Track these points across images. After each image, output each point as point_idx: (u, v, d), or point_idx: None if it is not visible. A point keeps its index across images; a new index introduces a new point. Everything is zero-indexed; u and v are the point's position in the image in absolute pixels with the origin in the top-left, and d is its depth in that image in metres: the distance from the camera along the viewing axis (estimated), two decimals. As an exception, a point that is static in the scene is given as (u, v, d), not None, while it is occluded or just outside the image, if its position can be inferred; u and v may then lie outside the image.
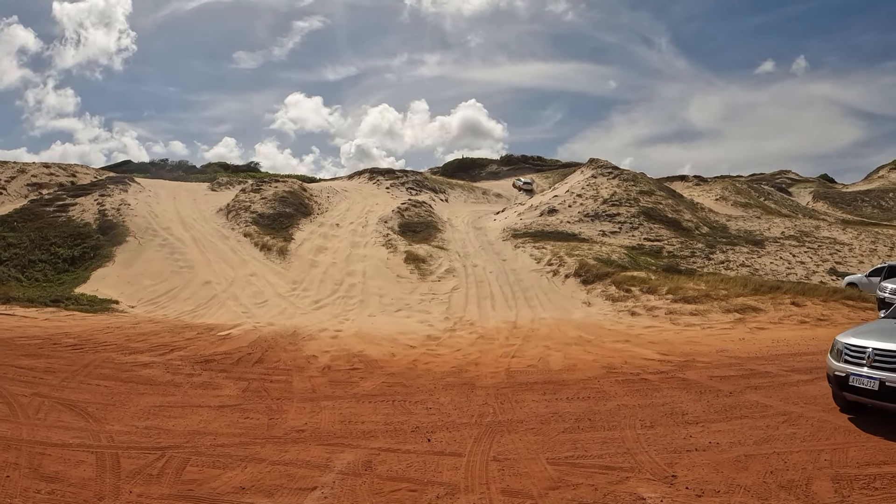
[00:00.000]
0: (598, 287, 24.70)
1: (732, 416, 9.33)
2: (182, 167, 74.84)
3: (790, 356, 14.20)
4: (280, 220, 38.40)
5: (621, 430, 8.64)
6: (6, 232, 32.17)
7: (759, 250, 36.69)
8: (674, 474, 6.92)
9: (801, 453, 7.51)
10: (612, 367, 13.37)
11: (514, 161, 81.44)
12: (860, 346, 8.71)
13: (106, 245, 31.02)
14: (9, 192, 41.97)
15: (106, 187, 41.19)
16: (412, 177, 57.67)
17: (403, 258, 30.26)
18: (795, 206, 64.34)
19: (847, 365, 8.79)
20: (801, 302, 21.03)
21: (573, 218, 40.34)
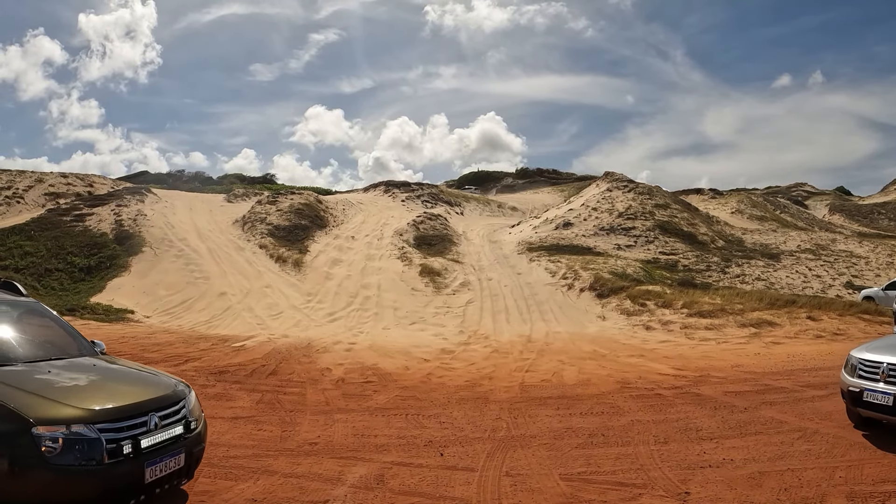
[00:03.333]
0: (613, 301, 24.65)
1: (747, 432, 9.29)
2: (198, 178, 75.28)
3: (805, 371, 14.13)
4: (295, 232, 38.52)
5: (635, 446, 8.61)
6: (23, 240, 32.45)
7: (774, 264, 36.54)
8: (687, 491, 6.89)
9: (815, 470, 7.47)
10: (627, 382, 13.33)
11: (530, 174, 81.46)
12: (875, 362, 8.66)
13: (122, 255, 31.22)
14: (26, 201, 42.35)
15: (123, 197, 41.46)
16: (428, 190, 57.79)
17: (418, 271, 30.30)
18: (811, 218, 64.08)
19: (861, 380, 8.74)
20: (817, 316, 20.93)
21: (588, 231, 40.31)
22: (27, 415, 5.12)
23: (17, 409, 5.13)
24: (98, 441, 5.26)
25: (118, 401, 5.75)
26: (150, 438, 5.67)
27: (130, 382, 6.49)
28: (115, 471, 5.34)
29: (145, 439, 5.62)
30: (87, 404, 5.52)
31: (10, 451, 4.99)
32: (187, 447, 6.09)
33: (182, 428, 6.08)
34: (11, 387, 5.44)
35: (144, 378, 6.73)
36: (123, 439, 5.46)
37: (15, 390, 5.40)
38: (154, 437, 5.72)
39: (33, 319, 7.19)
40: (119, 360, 7.41)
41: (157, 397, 6.05)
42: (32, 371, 6.04)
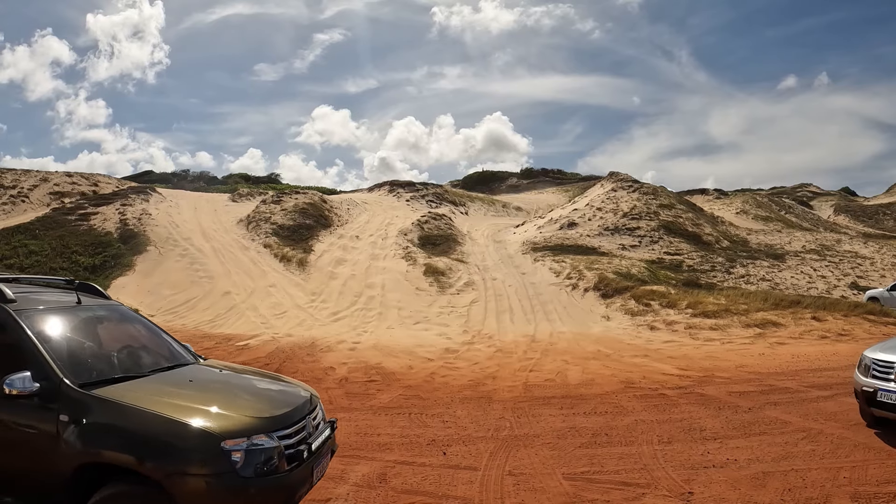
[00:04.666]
0: (617, 301, 24.61)
1: (751, 432, 9.27)
2: (203, 178, 75.38)
3: (810, 372, 14.11)
4: (300, 231, 38.53)
5: (638, 446, 8.60)
6: (28, 240, 32.53)
7: (779, 264, 36.47)
8: (690, 491, 6.88)
9: (820, 470, 7.46)
10: (631, 382, 13.31)
11: (535, 174, 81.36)
12: (888, 362, 8.69)
13: (126, 254, 31.26)
14: (31, 201, 42.48)
15: (127, 197, 41.54)
16: (432, 189, 57.77)
17: (423, 271, 30.28)
18: (816, 219, 64.00)
19: (875, 380, 8.77)
20: (822, 317, 20.88)
21: (593, 231, 40.27)
22: (213, 430, 5.03)
23: (201, 426, 5.03)
24: (278, 449, 5.26)
25: (280, 407, 5.74)
26: (315, 442, 5.74)
27: (273, 388, 6.46)
28: (294, 477, 5.37)
29: (314, 443, 5.70)
30: (257, 413, 5.50)
31: (204, 468, 4.89)
32: (332, 448, 6.21)
33: (329, 429, 6.17)
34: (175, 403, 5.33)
35: (279, 382, 6.71)
36: (297, 444, 5.50)
37: (180, 406, 5.29)
38: (317, 439, 5.79)
39: (131, 324, 7.03)
40: (227, 364, 7.39)
41: (306, 400, 6.10)
42: (174, 382, 5.99)
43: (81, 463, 4.97)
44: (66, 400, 5.16)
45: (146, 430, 4.96)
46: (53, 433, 5.07)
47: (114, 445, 4.95)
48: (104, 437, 4.99)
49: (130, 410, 5.09)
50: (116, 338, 6.53)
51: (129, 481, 4.95)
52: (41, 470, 5.12)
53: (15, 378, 5.08)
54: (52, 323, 5.93)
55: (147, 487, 4.87)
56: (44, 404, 5.15)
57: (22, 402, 5.14)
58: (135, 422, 5.02)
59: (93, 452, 4.96)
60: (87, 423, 5.04)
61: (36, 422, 5.16)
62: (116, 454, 4.94)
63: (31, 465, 5.17)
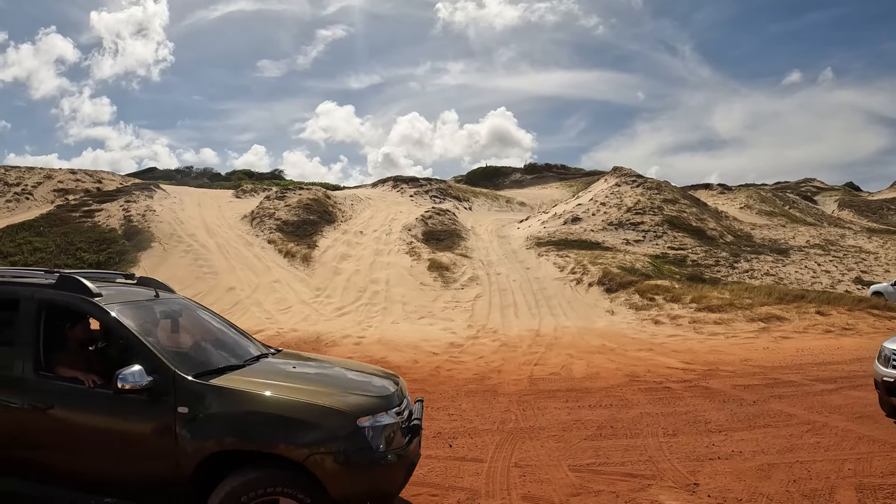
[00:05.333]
0: (621, 296, 24.63)
1: (756, 424, 9.31)
2: (207, 174, 75.55)
3: (815, 365, 14.14)
4: (304, 227, 38.55)
5: (643, 438, 8.64)
6: (32, 237, 32.56)
7: (783, 259, 36.43)
8: (696, 482, 6.91)
9: (824, 462, 7.48)
10: (635, 376, 13.35)
11: (538, 170, 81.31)
12: None
13: (131, 251, 31.30)
14: (35, 198, 42.49)
15: (131, 193, 41.54)
16: (436, 185, 57.69)
17: (427, 266, 30.30)
18: (820, 214, 63.88)
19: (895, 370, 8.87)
20: (826, 311, 20.91)
21: (597, 226, 40.24)
22: (348, 410, 5.21)
23: (337, 406, 5.21)
24: (397, 424, 5.46)
25: (389, 387, 5.95)
26: (416, 420, 5.89)
27: (367, 370, 6.68)
28: (411, 450, 5.61)
29: (416, 421, 5.86)
30: (375, 392, 5.72)
31: (344, 446, 5.05)
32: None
33: (420, 407, 6.32)
34: (298, 388, 5.50)
35: (365, 366, 6.97)
36: (407, 421, 5.71)
37: (305, 390, 5.46)
38: (417, 416, 5.97)
39: (204, 317, 6.98)
40: (304, 354, 7.55)
41: (400, 381, 6.33)
42: (278, 371, 6.10)
43: (210, 453, 5.04)
44: (184, 392, 5.19)
45: (283, 415, 5.09)
46: (170, 427, 5.09)
47: (248, 432, 5.05)
48: (235, 425, 5.08)
49: (259, 398, 5.23)
50: (198, 330, 6.55)
51: (262, 466, 5.04)
52: (156, 466, 5.14)
53: (127, 373, 5.06)
54: (143, 316, 5.94)
55: (284, 469, 5.01)
56: (157, 398, 5.16)
57: (132, 397, 5.14)
58: (268, 408, 5.14)
59: (225, 441, 5.04)
60: (212, 413, 5.11)
61: (150, 417, 5.17)
62: (252, 441, 5.04)
63: (144, 463, 5.18)
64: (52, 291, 5.79)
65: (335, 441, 5.03)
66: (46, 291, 5.79)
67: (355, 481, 5.07)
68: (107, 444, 5.23)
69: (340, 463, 5.00)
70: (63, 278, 5.87)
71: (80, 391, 5.36)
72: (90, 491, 5.28)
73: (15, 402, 5.39)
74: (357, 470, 5.06)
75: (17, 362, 5.50)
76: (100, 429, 5.28)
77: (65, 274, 5.98)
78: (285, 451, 4.97)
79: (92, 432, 5.30)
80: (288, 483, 4.97)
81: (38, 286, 5.83)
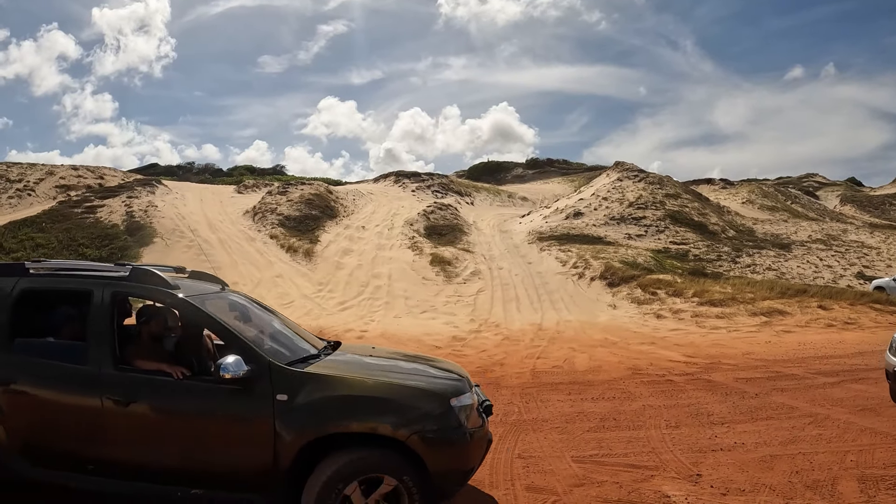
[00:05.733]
0: (623, 290, 24.64)
1: (758, 417, 9.34)
2: (208, 170, 75.44)
3: (817, 359, 14.16)
4: (306, 222, 38.56)
5: (646, 430, 8.67)
6: (34, 233, 32.59)
7: (785, 254, 36.44)
8: (699, 473, 6.94)
9: (826, 454, 7.51)
10: (638, 369, 13.38)
11: (540, 164, 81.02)
12: None
13: (133, 246, 31.28)
14: (37, 194, 42.56)
15: (133, 189, 41.54)
16: (438, 180, 57.65)
17: (429, 260, 30.31)
18: (822, 209, 63.76)
19: None
20: (828, 305, 20.92)
21: (599, 221, 40.23)
22: (443, 391, 5.54)
23: (431, 388, 5.54)
24: (475, 405, 5.76)
25: (461, 372, 6.37)
26: (487, 401, 6.22)
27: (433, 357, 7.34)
28: (487, 428, 5.96)
29: (487, 402, 6.20)
30: (456, 376, 6.09)
31: (442, 425, 5.30)
32: None
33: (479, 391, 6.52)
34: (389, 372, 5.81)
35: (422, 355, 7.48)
36: (482, 402, 6.05)
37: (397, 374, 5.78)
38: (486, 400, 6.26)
39: (263, 309, 7.01)
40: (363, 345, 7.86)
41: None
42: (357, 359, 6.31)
43: (312, 439, 5.18)
44: (281, 380, 5.30)
45: (384, 397, 5.34)
46: (269, 415, 5.19)
47: (352, 415, 5.23)
48: (339, 409, 5.24)
49: (358, 382, 5.45)
50: (263, 321, 6.56)
51: (363, 447, 5.22)
52: (253, 454, 5.24)
53: (228, 362, 5.15)
54: (223, 308, 6.05)
55: (382, 450, 5.22)
56: (255, 387, 5.25)
57: (229, 387, 5.25)
58: (369, 391, 5.37)
59: (328, 426, 5.20)
60: (313, 399, 5.24)
61: (248, 406, 5.26)
62: (356, 423, 5.23)
63: (239, 452, 5.27)
64: (127, 284, 5.85)
65: (433, 420, 5.29)
66: (122, 284, 5.83)
67: (450, 458, 5.33)
68: (199, 435, 5.33)
69: (438, 441, 5.25)
70: (136, 270, 5.91)
71: (167, 383, 5.41)
72: (177, 483, 5.34)
73: (93, 397, 5.39)
74: (451, 447, 5.33)
75: (93, 357, 5.52)
76: (193, 420, 5.36)
77: (137, 266, 6.00)
78: (389, 431, 5.18)
79: (183, 424, 5.37)
80: (386, 463, 5.17)
81: (111, 279, 5.84)
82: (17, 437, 5.45)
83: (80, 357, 5.56)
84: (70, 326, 6.01)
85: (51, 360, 5.62)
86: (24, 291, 5.82)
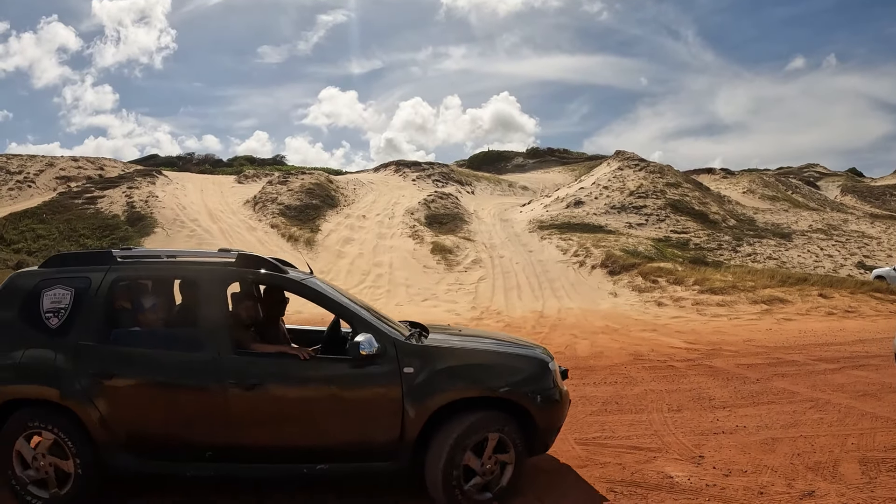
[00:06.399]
0: (624, 278, 24.70)
1: (759, 401, 9.37)
2: (209, 160, 75.26)
3: (817, 346, 14.21)
4: (307, 211, 38.58)
5: (648, 414, 8.71)
6: (35, 224, 32.67)
7: (786, 243, 36.48)
8: (701, 455, 6.98)
9: (828, 437, 7.54)
10: (639, 355, 13.42)
11: (541, 154, 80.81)
12: None
13: (134, 236, 31.35)
14: (38, 185, 42.64)
15: (134, 180, 41.57)
16: (438, 169, 57.58)
17: (430, 249, 30.36)
18: (823, 199, 63.70)
19: None
20: (829, 294, 20.98)
21: (599, 210, 40.23)
22: (544, 358, 6.11)
23: (533, 355, 6.13)
24: (559, 370, 6.27)
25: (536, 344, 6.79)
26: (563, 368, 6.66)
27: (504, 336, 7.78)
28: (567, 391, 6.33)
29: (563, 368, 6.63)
30: (540, 345, 6.78)
31: (546, 387, 5.85)
32: None
33: None
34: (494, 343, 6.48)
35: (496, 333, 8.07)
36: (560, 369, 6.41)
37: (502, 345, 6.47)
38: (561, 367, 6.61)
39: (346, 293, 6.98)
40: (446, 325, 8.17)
41: None
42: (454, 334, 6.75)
43: (438, 406, 5.48)
44: (406, 354, 5.54)
45: (501, 363, 5.95)
46: (398, 387, 5.42)
47: (474, 382, 5.66)
48: (462, 376, 5.63)
49: (474, 352, 6.02)
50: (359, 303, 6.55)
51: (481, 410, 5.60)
52: (382, 426, 5.46)
53: (363, 340, 5.36)
54: (326, 289, 6.12)
55: (498, 411, 5.64)
56: (384, 362, 5.46)
57: (358, 364, 5.44)
58: (485, 359, 5.93)
59: (452, 393, 5.54)
60: (438, 369, 5.54)
61: (378, 380, 5.47)
62: (478, 389, 5.65)
63: (369, 424, 5.48)
64: (238, 269, 5.91)
65: (538, 382, 5.82)
66: (231, 270, 5.89)
67: (552, 415, 5.91)
68: (330, 412, 5.49)
69: (544, 400, 5.77)
70: (244, 256, 5.97)
71: (295, 364, 5.54)
72: (304, 461, 5.47)
73: (214, 384, 5.39)
74: (552, 405, 5.89)
75: (209, 343, 5.51)
76: (323, 398, 5.50)
77: (242, 252, 6.07)
78: (508, 393, 5.65)
79: (313, 403, 5.53)
80: (501, 422, 5.57)
81: (222, 265, 5.91)
82: (121, 432, 5.34)
83: (192, 344, 5.56)
84: (164, 314, 6.06)
85: (156, 349, 5.60)
86: (115, 281, 5.71)
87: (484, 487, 5.57)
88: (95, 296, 5.55)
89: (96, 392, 5.30)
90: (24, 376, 5.36)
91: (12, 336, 5.46)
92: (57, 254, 6.11)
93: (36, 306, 5.50)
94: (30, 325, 5.47)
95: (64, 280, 5.59)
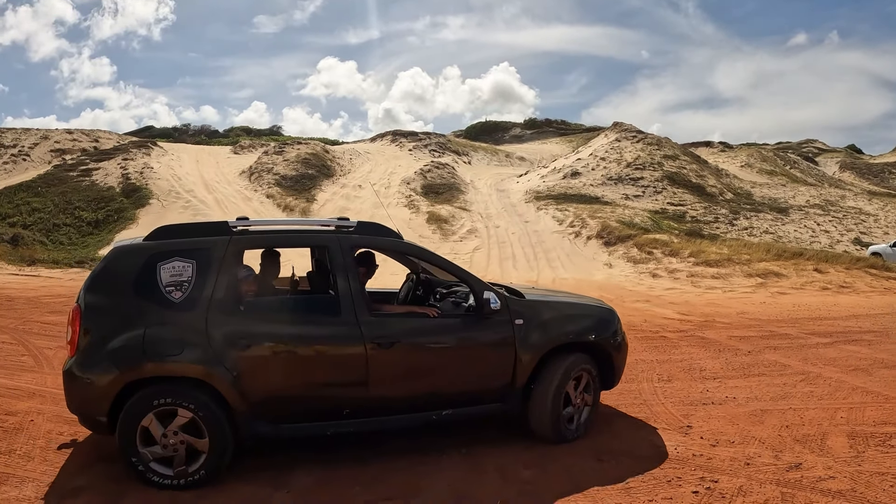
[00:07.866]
0: (619, 249, 24.69)
1: (750, 373, 9.35)
2: (204, 131, 75.12)
3: (811, 320, 14.19)
4: (302, 181, 38.53)
5: (638, 383, 8.69)
6: (31, 197, 32.64)
7: (783, 218, 36.49)
8: (689, 425, 6.96)
9: (817, 410, 7.52)
10: (632, 325, 13.37)
11: (538, 125, 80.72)
12: None
13: (129, 208, 31.35)
14: (32, 158, 42.52)
15: (129, 151, 41.50)
16: (435, 139, 57.43)
17: (426, 218, 30.33)
18: (821, 175, 63.67)
19: None
20: (824, 269, 20.97)
21: (596, 181, 40.18)
22: (613, 309, 7.17)
23: (608, 307, 7.23)
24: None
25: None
26: None
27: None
28: None
29: None
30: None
31: (618, 333, 6.92)
32: None
33: None
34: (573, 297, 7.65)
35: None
36: None
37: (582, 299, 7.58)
38: None
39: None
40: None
41: None
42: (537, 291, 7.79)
43: (545, 352, 6.24)
44: (516, 308, 6.23)
45: (590, 314, 6.95)
46: (512, 337, 6.11)
47: (569, 331, 6.53)
48: (560, 327, 6.49)
49: (568, 306, 7.02)
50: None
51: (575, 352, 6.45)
52: (499, 371, 6.14)
53: (491, 296, 6.00)
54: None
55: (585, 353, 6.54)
56: (503, 316, 6.11)
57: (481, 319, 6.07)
58: (578, 311, 6.96)
59: (555, 340, 6.35)
60: (542, 320, 6.35)
61: (500, 332, 6.11)
62: (573, 336, 6.51)
63: (490, 371, 6.15)
64: (360, 237, 6.20)
65: (614, 330, 6.87)
66: (354, 237, 6.12)
67: (623, 358, 6.99)
68: (458, 364, 6.08)
69: (618, 345, 6.85)
70: (363, 224, 6.31)
71: (426, 322, 6.11)
72: (431, 409, 5.98)
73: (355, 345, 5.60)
74: (624, 348, 7.02)
75: (346, 307, 5.70)
76: (452, 351, 6.08)
77: (363, 221, 6.39)
78: (597, 340, 6.64)
79: (443, 356, 6.07)
80: (587, 362, 6.51)
81: (344, 233, 6.10)
82: (260, 401, 5.32)
83: (328, 309, 5.81)
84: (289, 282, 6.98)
85: (293, 315, 5.86)
86: (238, 251, 5.80)
87: (569, 419, 6.37)
88: (221, 266, 5.50)
89: (236, 364, 5.24)
90: (155, 354, 5.15)
91: (128, 314, 5.27)
92: (163, 226, 6.06)
93: (153, 280, 5.35)
94: (148, 300, 5.31)
95: (182, 252, 5.50)
